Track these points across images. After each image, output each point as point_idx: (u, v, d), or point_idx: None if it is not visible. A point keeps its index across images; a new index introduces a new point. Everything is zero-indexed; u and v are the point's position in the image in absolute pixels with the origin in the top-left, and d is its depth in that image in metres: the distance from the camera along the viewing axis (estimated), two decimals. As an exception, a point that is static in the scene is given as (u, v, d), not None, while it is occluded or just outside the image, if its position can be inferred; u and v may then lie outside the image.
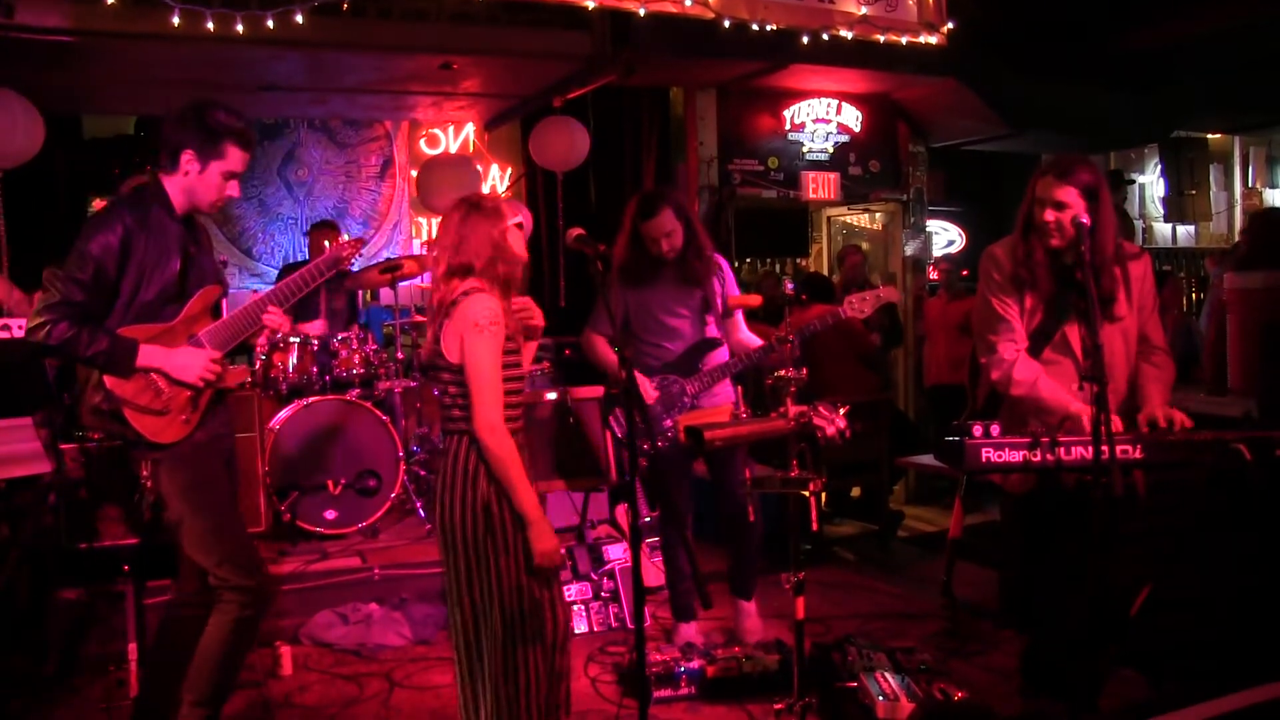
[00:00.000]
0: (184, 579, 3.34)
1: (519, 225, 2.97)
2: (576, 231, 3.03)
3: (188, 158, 3.14)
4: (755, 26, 6.03)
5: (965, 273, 8.36)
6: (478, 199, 2.95)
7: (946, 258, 9.51)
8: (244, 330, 3.29)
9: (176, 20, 5.02)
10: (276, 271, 7.99)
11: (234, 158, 3.17)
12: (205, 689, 3.21)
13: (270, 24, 5.13)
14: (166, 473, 3.15)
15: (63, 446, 4.58)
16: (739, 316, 4.43)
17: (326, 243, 6.75)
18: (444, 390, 2.88)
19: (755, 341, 4.36)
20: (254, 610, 3.23)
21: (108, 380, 3.06)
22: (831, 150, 7.89)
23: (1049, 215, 3.11)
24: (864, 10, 6.39)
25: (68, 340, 2.98)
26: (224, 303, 3.43)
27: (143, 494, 3.21)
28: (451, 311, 2.81)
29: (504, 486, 2.77)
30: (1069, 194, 3.09)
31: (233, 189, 3.23)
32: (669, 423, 4.21)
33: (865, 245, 9.29)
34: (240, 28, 5.11)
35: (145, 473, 3.17)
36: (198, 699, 3.21)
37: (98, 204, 8.33)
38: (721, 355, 4.36)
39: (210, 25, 5.07)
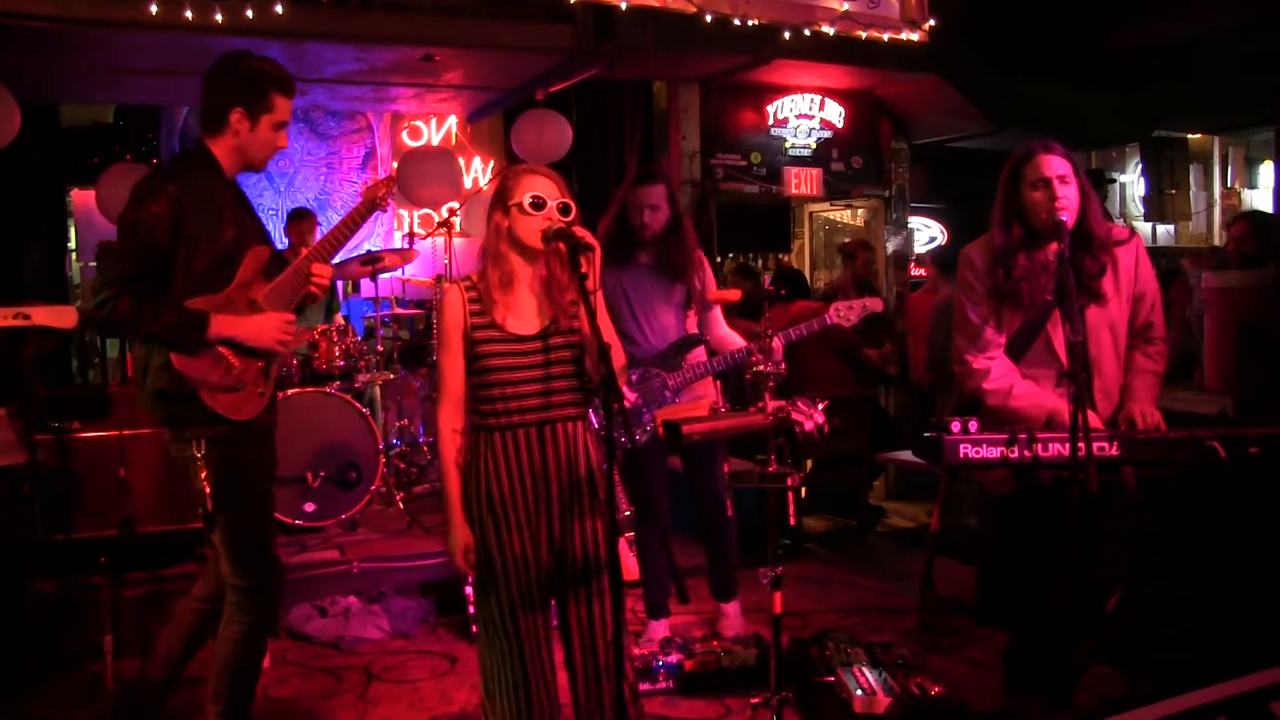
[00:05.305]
0: (203, 579, 3.26)
1: (533, 202, 2.69)
2: (558, 224, 3.00)
3: (237, 117, 3.01)
4: (737, 21, 6.04)
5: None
6: (496, 186, 2.79)
7: (931, 254, 9.54)
8: (298, 291, 3.15)
9: (154, 9, 4.99)
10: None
11: (282, 107, 3.07)
12: (228, 699, 3.11)
13: (250, 14, 5.10)
14: (223, 454, 2.97)
15: (38, 438, 4.54)
16: (717, 312, 4.41)
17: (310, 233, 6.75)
18: None
19: (734, 337, 4.36)
20: (259, 617, 3.10)
21: (176, 360, 2.88)
22: (814, 146, 7.90)
23: (1057, 190, 2.97)
24: (846, 6, 6.40)
25: (133, 316, 2.83)
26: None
27: (198, 478, 2.96)
28: None
29: None
30: (1065, 165, 3.00)
31: (283, 139, 3.13)
32: (648, 417, 4.20)
33: (847, 241, 9.31)
34: (219, 17, 5.08)
35: (199, 454, 2.94)
36: (222, 710, 3.11)
37: (76, 194, 8.27)
38: (704, 351, 4.35)
39: (189, 14, 5.04)
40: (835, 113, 7.94)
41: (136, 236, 2.87)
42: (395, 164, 8.66)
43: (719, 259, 8.10)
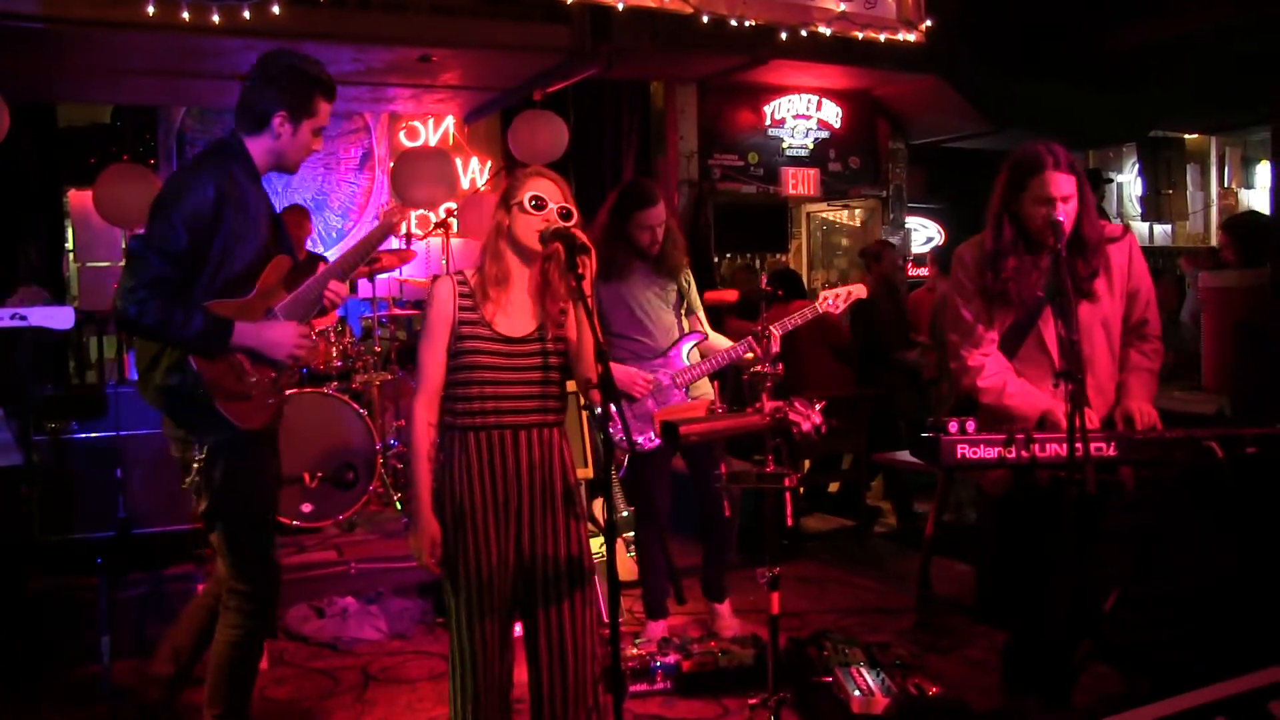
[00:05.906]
0: (214, 577, 3.24)
1: (534, 203, 2.68)
2: (556, 225, 2.99)
3: (280, 120, 2.95)
4: (734, 22, 6.04)
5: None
6: (504, 186, 2.76)
7: (933, 252, 9.54)
8: (313, 305, 3.09)
9: (151, 9, 4.98)
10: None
11: (324, 112, 3.03)
12: (225, 702, 3.07)
13: (246, 14, 5.10)
14: (226, 459, 2.93)
15: (35, 438, 4.54)
16: (702, 314, 4.43)
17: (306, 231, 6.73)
18: None
19: (720, 338, 4.38)
20: (256, 620, 3.06)
21: (195, 362, 2.82)
22: (811, 146, 7.90)
23: (1059, 212, 2.93)
24: (842, 7, 6.40)
25: (162, 321, 2.76)
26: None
27: (195, 480, 2.95)
28: None
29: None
30: (1071, 183, 2.97)
31: (318, 143, 3.09)
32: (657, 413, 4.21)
33: (845, 241, 9.31)
34: (216, 18, 5.07)
35: (200, 456, 2.92)
36: (219, 712, 3.07)
37: (73, 194, 8.25)
38: (698, 352, 4.35)
39: (185, 15, 5.03)
40: (832, 113, 7.94)
41: (176, 235, 2.79)
42: (392, 164, 8.66)
43: (716, 259, 8.11)
